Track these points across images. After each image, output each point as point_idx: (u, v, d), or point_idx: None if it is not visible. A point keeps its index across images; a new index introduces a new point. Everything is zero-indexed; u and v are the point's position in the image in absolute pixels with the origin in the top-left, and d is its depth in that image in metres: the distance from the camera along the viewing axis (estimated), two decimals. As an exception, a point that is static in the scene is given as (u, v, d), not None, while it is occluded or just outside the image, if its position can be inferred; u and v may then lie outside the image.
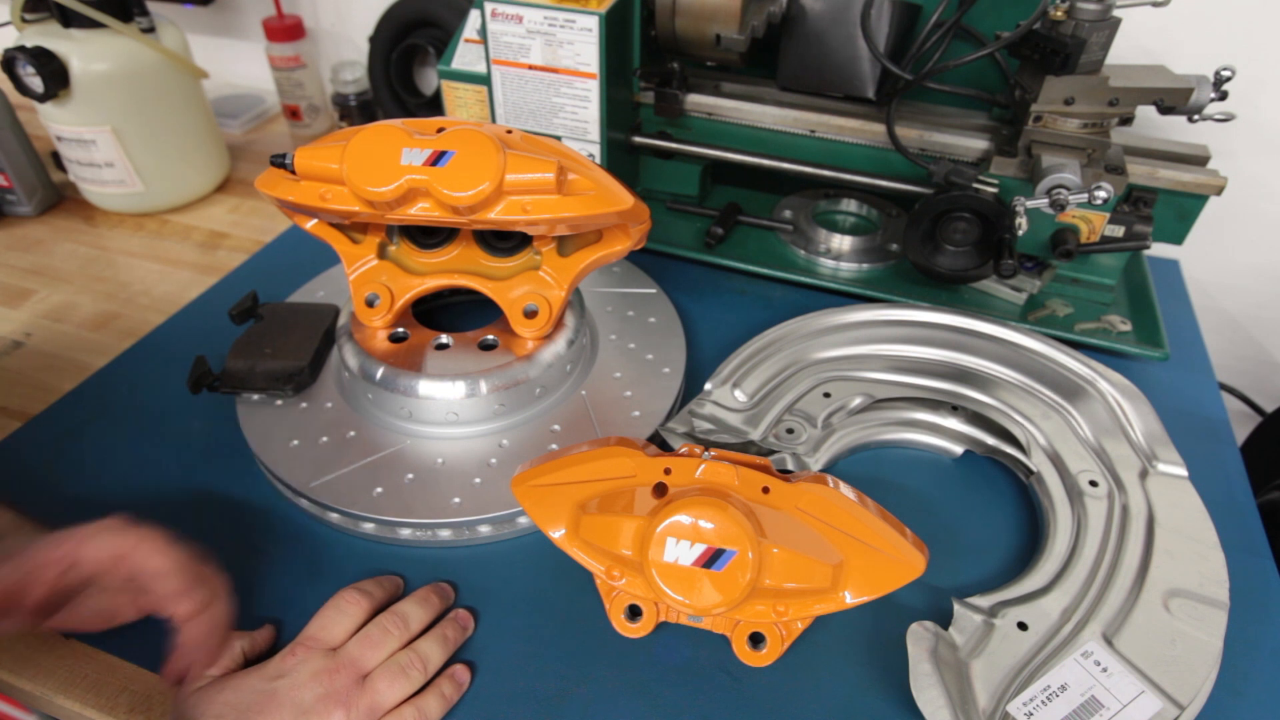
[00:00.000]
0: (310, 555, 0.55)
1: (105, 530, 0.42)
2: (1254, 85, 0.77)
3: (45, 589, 0.41)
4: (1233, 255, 0.90)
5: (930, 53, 0.68)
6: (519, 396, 0.59)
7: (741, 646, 0.47)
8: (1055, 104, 0.64)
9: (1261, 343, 0.95)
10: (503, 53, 0.72)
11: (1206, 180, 0.67)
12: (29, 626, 0.42)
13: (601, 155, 0.76)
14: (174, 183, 0.93)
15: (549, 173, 0.50)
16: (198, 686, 0.44)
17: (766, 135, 0.78)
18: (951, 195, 0.66)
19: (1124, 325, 0.73)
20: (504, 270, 0.62)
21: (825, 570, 0.45)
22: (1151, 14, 0.67)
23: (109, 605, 0.45)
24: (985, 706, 0.44)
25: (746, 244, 0.82)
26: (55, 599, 0.42)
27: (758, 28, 0.72)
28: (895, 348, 0.66)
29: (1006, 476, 0.61)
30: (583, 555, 0.48)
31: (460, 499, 0.54)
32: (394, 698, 0.45)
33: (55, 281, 0.82)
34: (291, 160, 0.52)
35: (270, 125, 1.15)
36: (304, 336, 0.64)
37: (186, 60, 0.89)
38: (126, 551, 0.41)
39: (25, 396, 0.68)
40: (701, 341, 0.71)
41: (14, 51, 0.79)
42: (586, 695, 0.47)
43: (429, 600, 0.50)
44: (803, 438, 0.59)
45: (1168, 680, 0.45)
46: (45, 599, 0.41)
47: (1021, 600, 0.49)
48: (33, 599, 0.40)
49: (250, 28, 1.18)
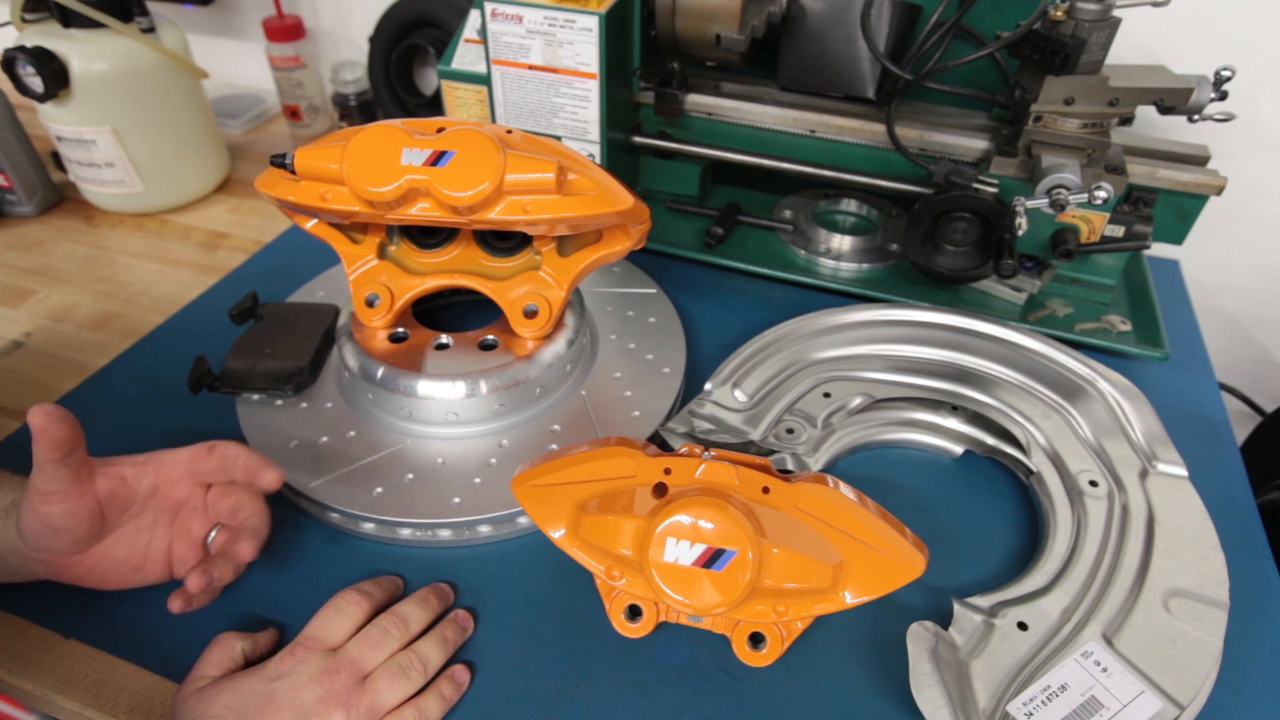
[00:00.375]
0: (310, 555, 0.55)
1: (184, 449, 0.50)
2: (1254, 85, 0.77)
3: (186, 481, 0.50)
4: (1233, 255, 0.90)
5: (930, 53, 0.68)
6: (519, 396, 0.59)
7: (741, 646, 0.47)
8: (1055, 104, 0.64)
9: (1261, 343, 0.95)
10: (503, 53, 0.72)
11: (1206, 180, 0.67)
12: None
13: (601, 155, 0.76)
14: (174, 183, 0.93)
15: (549, 173, 0.50)
16: (197, 687, 0.44)
17: (766, 135, 0.78)
18: (951, 195, 0.66)
19: (1124, 325, 0.73)
20: (504, 270, 0.62)
21: (825, 570, 0.45)
22: (1151, 14, 0.67)
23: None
24: (985, 706, 0.44)
25: (746, 244, 0.82)
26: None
27: (758, 28, 0.72)
28: (895, 348, 0.66)
29: (1006, 476, 0.61)
30: (583, 555, 0.48)
31: (460, 499, 0.54)
32: (394, 698, 0.44)
33: (55, 281, 0.82)
34: (291, 160, 0.52)
35: (270, 125, 1.15)
36: (304, 336, 0.64)
37: (186, 60, 0.89)
38: (213, 444, 0.50)
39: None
40: (701, 341, 0.71)
41: (14, 51, 0.79)
42: (586, 695, 0.47)
43: (428, 601, 0.50)
44: (803, 438, 0.59)
45: (1168, 680, 0.45)
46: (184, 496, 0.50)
47: (1021, 600, 0.49)
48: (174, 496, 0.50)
49: (250, 28, 1.18)
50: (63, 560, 0.47)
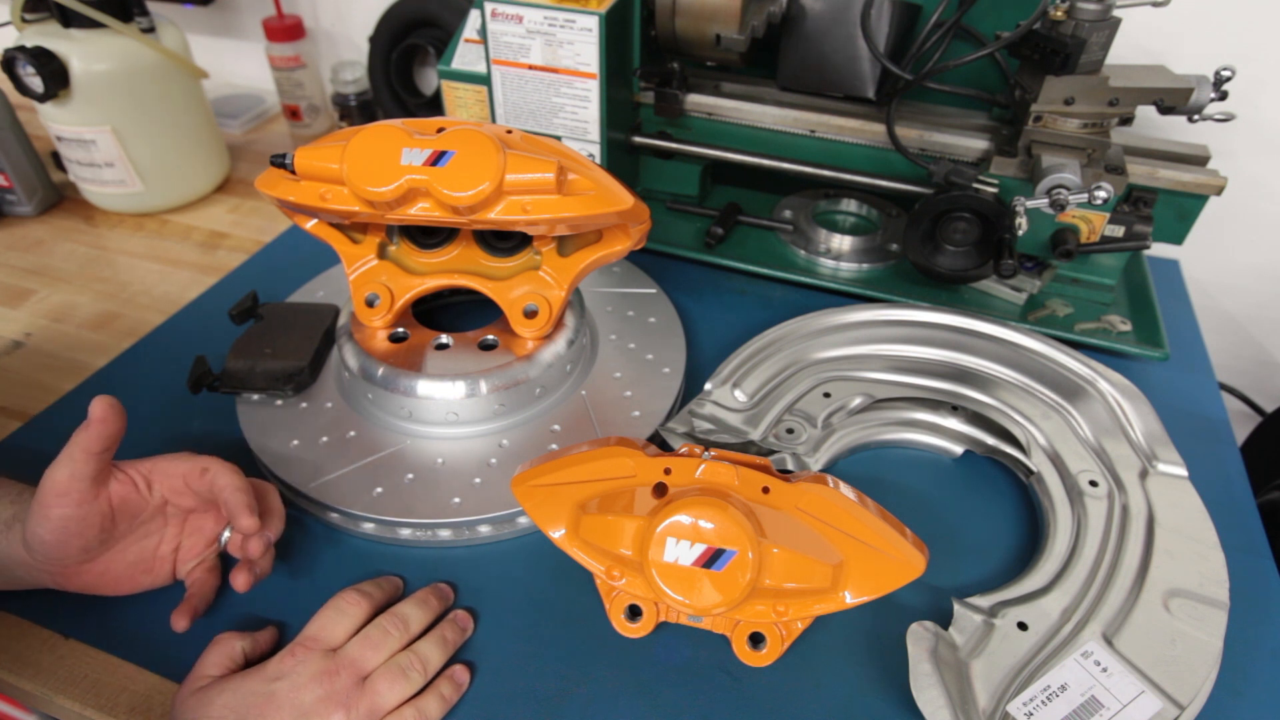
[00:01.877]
0: (310, 555, 0.55)
1: (184, 454, 0.50)
2: (1254, 85, 0.77)
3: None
4: (1233, 255, 0.90)
5: (930, 53, 0.68)
6: (519, 396, 0.59)
7: (741, 646, 0.47)
8: (1055, 104, 0.64)
9: (1261, 343, 0.95)
10: (503, 53, 0.72)
11: (1206, 180, 0.67)
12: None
13: (601, 155, 0.76)
14: (174, 183, 0.93)
15: (549, 173, 0.50)
16: (197, 687, 0.44)
17: (766, 135, 0.78)
18: (951, 195, 0.66)
19: (1124, 325, 0.73)
20: (504, 270, 0.62)
21: (825, 570, 0.45)
22: (1151, 14, 0.67)
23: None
24: (985, 706, 0.44)
25: (746, 244, 0.82)
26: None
27: (758, 28, 0.72)
28: (895, 348, 0.66)
29: (1006, 476, 0.61)
30: (583, 555, 0.48)
31: (460, 499, 0.54)
32: (394, 699, 0.44)
33: (55, 281, 0.82)
34: (291, 160, 0.52)
35: (270, 125, 1.15)
36: (304, 336, 0.64)
37: (186, 60, 0.89)
38: (208, 464, 0.49)
39: (25, 396, 0.68)
40: (701, 341, 0.71)
41: (14, 51, 0.79)
42: (586, 695, 0.47)
43: (428, 601, 0.50)
44: (803, 438, 0.59)
45: (1168, 680, 0.45)
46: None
47: (1021, 600, 0.49)
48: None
49: (250, 28, 1.18)
50: (70, 570, 0.47)
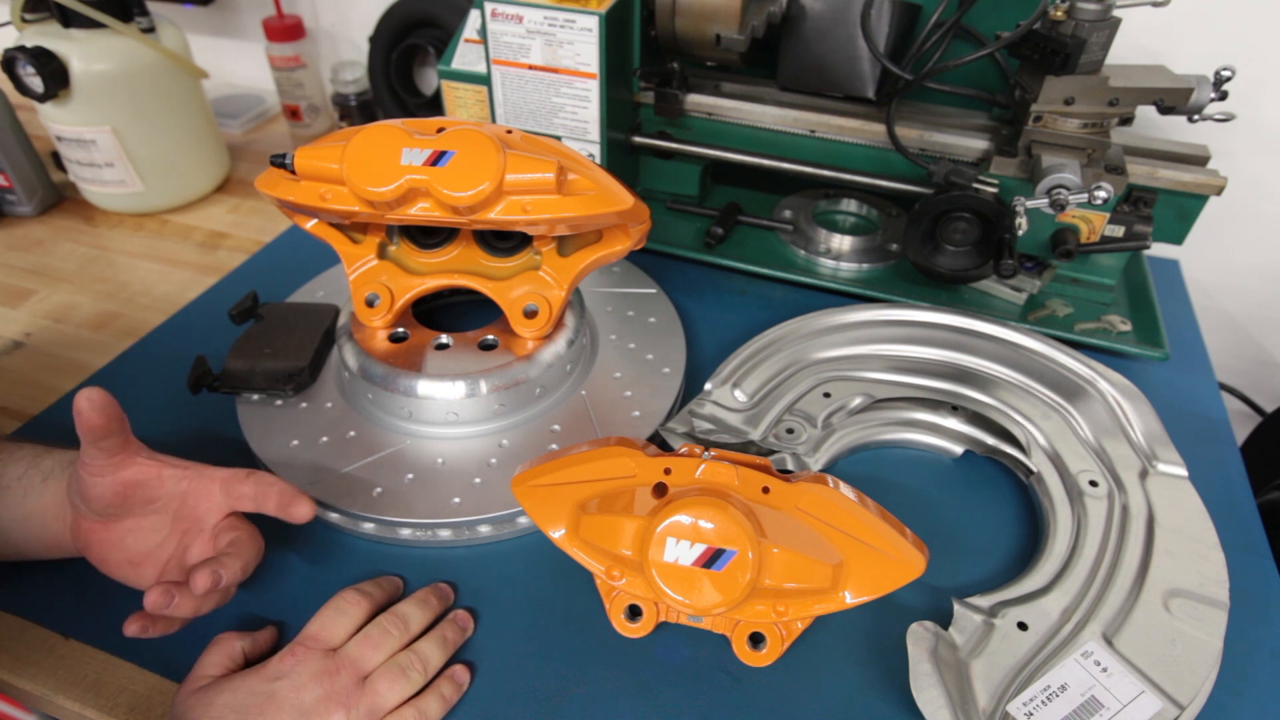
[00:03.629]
0: (310, 555, 0.55)
1: (222, 468, 0.50)
2: (1254, 85, 0.77)
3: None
4: (1233, 255, 0.90)
5: (930, 53, 0.68)
6: (519, 396, 0.59)
7: (741, 646, 0.47)
8: (1055, 104, 0.64)
9: (1261, 343, 0.95)
10: (503, 53, 0.72)
11: (1206, 180, 0.67)
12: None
13: (601, 155, 0.76)
14: (174, 183, 0.93)
15: (549, 173, 0.50)
16: (197, 687, 0.44)
17: (766, 135, 0.78)
18: (951, 195, 0.66)
19: (1124, 325, 0.73)
20: (504, 270, 0.62)
21: (825, 570, 0.45)
22: (1151, 14, 0.67)
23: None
24: (985, 706, 0.44)
25: (746, 244, 0.82)
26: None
27: (758, 28, 0.72)
28: (895, 348, 0.66)
29: (1006, 476, 0.61)
30: (583, 555, 0.48)
31: (460, 499, 0.54)
32: (394, 699, 0.44)
33: (55, 281, 0.82)
34: (291, 160, 0.52)
35: (270, 125, 1.15)
36: (304, 336, 0.64)
37: (186, 60, 0.89)
38: (253, 470, 0.50)
39: (25, 396, 0.68)
40: (701, 341, 0.71)
41: (14, 51, 0.79)
42: (586, 695, 0.47)
43: (428, 601, 0.50)
44: (803, 438, 0.59)
45: (1168, 680, 0.45)
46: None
47: (1021, 600, 0.49)
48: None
49: (250, 28, 1.18)
50: (86, 523, 0.48)
